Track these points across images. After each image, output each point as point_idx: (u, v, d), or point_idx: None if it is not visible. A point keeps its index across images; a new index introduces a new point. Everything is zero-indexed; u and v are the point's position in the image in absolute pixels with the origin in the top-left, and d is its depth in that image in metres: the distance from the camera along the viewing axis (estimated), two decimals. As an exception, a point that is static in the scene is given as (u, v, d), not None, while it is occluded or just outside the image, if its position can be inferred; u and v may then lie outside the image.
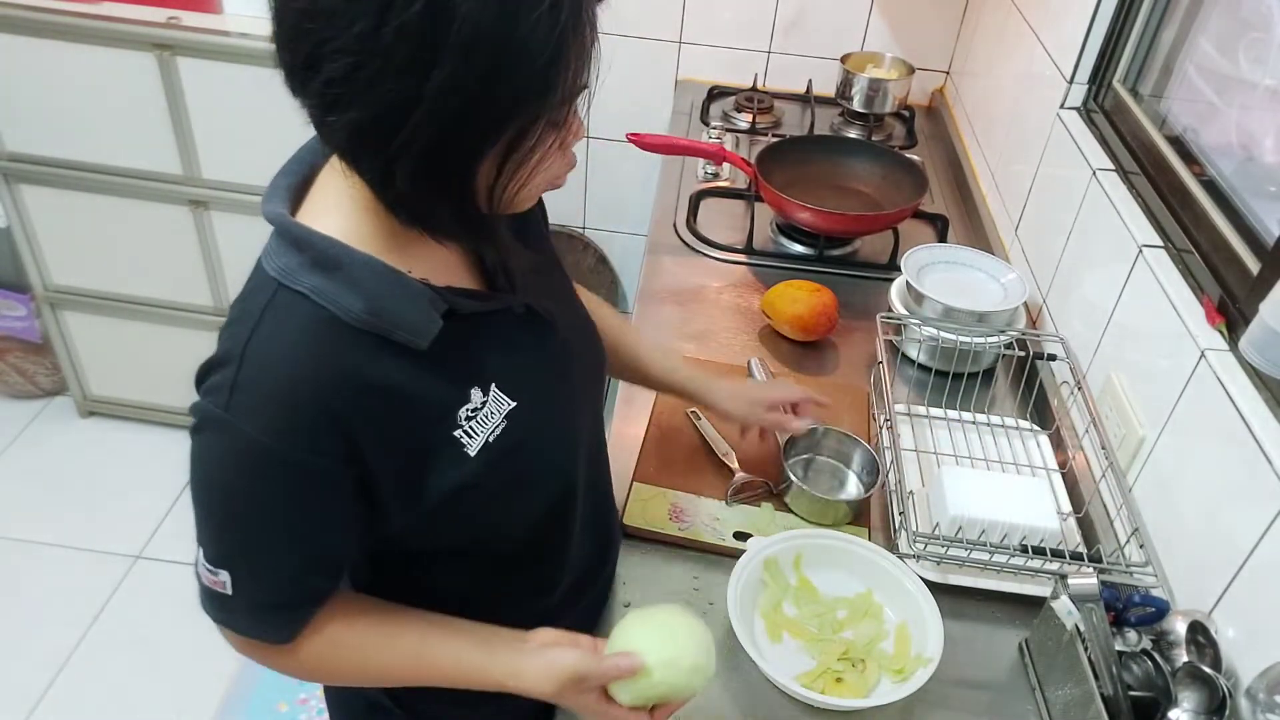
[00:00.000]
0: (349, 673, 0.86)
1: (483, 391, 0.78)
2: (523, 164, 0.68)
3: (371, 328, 0.70)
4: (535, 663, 0.83)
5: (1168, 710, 0.88)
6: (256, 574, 0.76)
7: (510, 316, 0.81)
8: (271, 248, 0.72)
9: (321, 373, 0.69)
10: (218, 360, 0.71)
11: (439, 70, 0.60)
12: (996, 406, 1.40)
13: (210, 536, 0.76)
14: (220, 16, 1.97)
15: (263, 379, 0.69)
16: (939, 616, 1.01)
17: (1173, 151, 1.28)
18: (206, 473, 0.73)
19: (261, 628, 0.81)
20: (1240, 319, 1.02)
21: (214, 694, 2.00)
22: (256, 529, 0.74)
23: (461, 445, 0.77)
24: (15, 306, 2.49)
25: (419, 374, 0.73)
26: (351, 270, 0.70)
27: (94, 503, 2.40)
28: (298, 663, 0.83)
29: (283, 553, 0.76)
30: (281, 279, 0.70)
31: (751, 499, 1.21)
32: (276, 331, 0.69)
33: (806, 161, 1.80)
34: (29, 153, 2.11)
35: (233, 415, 0.69)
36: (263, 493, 0.72)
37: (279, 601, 0.79)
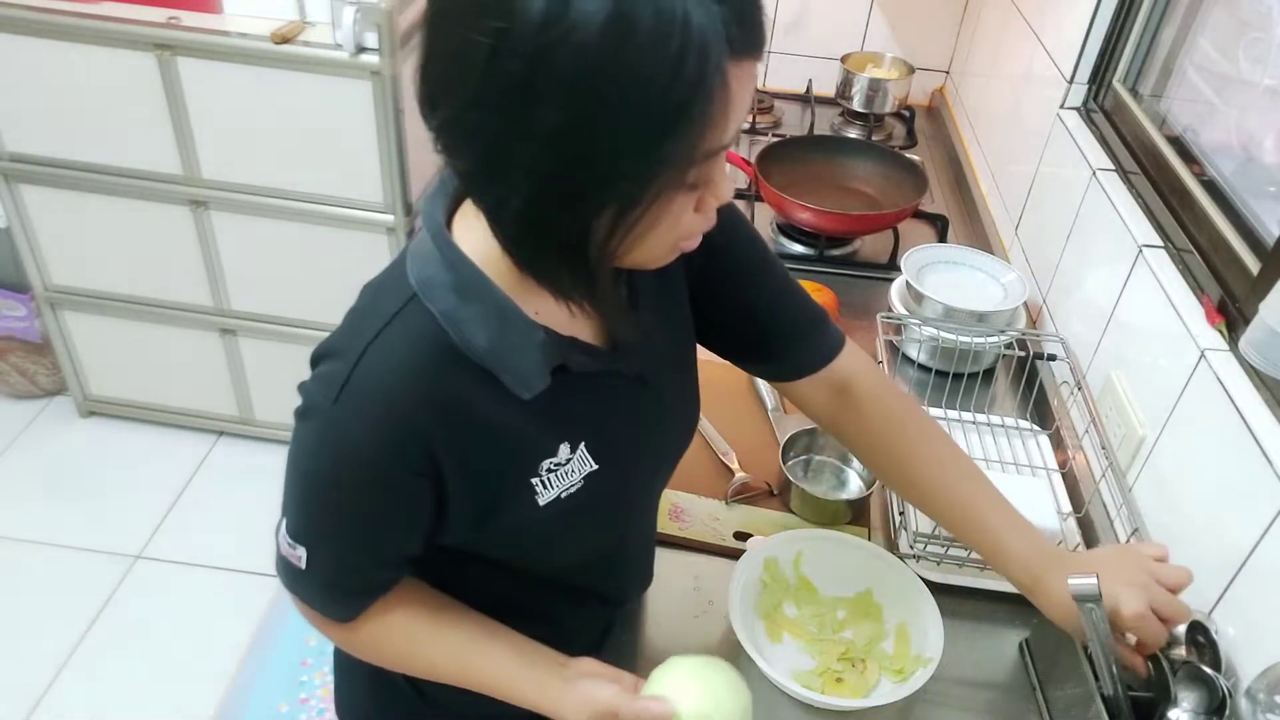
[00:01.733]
0: (395, 660, 0.88)
1: (570, 448, 0.79)
2: (637, 224, 0.63)
3: (485, 364, 0.72)
4: (572, 691, 0.83)
5: (1168, 710, 0.88)
6: (329, 558, 0.80)
7: (620, 379, 0.81)
8: (422, 254, 0.73)
9: (427, 394, 0.71)
10: (337, 348, 0.73)
11: (536, 124, 0.58)
12: (996, 406, 1.40)
13: (295, 512, 0.79)
14: (220, 16, 1.97)
15: (373, 386, 0.70)
16: (939, 616, 1.01)
17: (1173, 151, 1.28)
18: (304, 455, 0.75)
19: (326, 604, 0.84)
20: (1240, 319, 1.02)
21: (214, 694, 2.00)
22: (337, 520, 0.77)
23: (535, 493, 0.78)
24: (15, 306, 2.49)
25: (516, 417, 0.74)
26: (486, 307, 0.71)
27: (94, 503, 2.40)
28: (353, 640, 0.86)
29: (356, 547, 0.79)
30: (420, 290, 0.71)
31: (751, 499, 1.21)
32: (397, 343, 0.71)
33: (806, 161, 1.81)
34: (29, 153, 2.11)
35: (338, 412, 0.70)
36: (348, 490, 0.74)
37: (347, 586, 0.82)
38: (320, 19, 1.95)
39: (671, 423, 0.90)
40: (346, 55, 1.88)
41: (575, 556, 0.88)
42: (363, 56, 1.89)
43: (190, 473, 2.51)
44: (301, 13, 1.97)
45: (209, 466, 2.53)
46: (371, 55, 1.89)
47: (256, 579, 2.24)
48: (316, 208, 2.09)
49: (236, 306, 2.31)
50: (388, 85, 1.91)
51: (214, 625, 2.13)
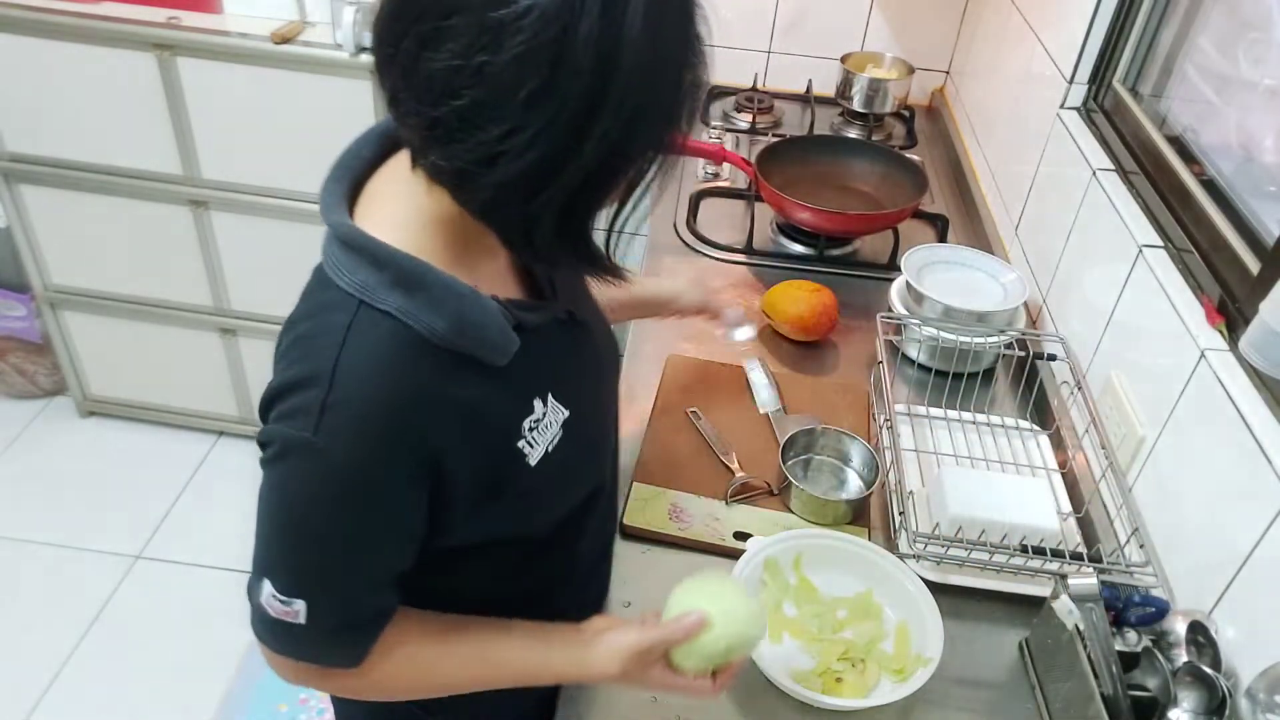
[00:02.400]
0: (415, 685, 0.86)
1: (543, 402, 0.80)
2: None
3: (454, 347, 0.71)
4: (596, 649, 0.85)
5: (1168, 710, 0.88)
6: (333, 598, 0.76)
7: (556, 326, 0.83)
8: (341, 262, 0.71)
9: (413, 393, 0.70)
10: (295, 381, 0.70)
11: (596, 128, 0.61)
12: (996, 406, 1.40)
13: (285, 566, 0.74)
14: (220, 16, 1.97)
15: (354, 403, 0.68)
16: (939, 616, 1.01)
17: (1173, 151, 1.28)
18: (290, 504, 0.73)
19: (334, 653, 0.80)
20: (1240, 319, 1.02)
21: (214, 694, 2.00)
22: (339, 551, 0.74)
23: (525, 456, 0.79)
24: (15, 306, 2.49)
25: (493, 389, 0.75)
26: (434, 291, 0.70)
27: (94, 503, 2.40)
28: (365, 685, 0.83)
29: (362, 572, 0.76)
30: (363, 297, 0.69)
31: (751, 499, 1.21)
32: (364, 353, 0.69)
33: (806, 161, 1.80)
34: (29, 153, 2.11)
35: (322, 438, 0.68)
36: (348, 514, 0.72)
37: (353, 623, 0.78)
38: (320, 19, 1.95)
39: (604, 352, 0.93)
40: (346, 55, 1.88)
41: (560, 515, 0.89)
42: (363, 56, 1.89)
43: (190, 473, 2.51)
44: (301, 13, 1.97)
45: (209, 466, 2.53)
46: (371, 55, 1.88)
47: (256, 579, 2.24)
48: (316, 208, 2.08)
49: (236, 306, 2.31)
50: (388, 85, 1.91)
51: (214, 625, 2.13)
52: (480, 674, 0.86)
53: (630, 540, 1.14)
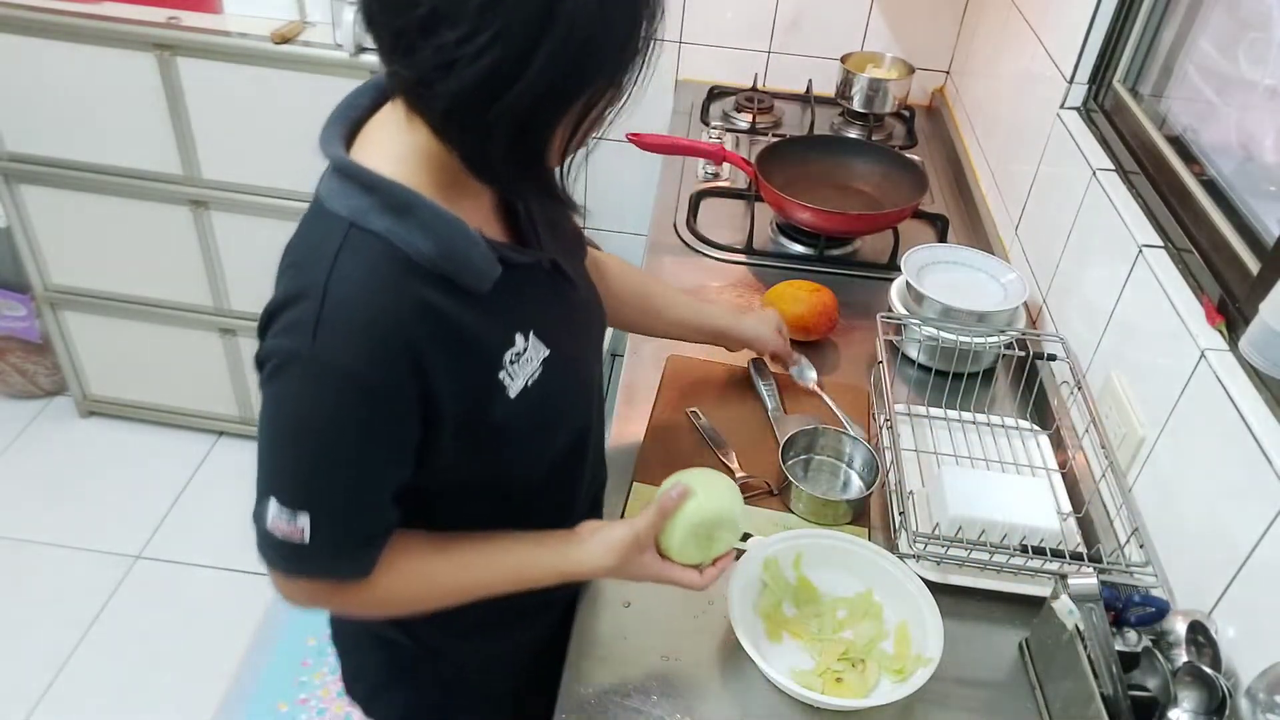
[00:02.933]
0: (420, 597, 0.90)
1: (524, 338, 0.84)
2: (593, 127, 0.75)
3: (439, 269, 0.76)
4: (591, 546, 0.91)
5: (1168, 710, 0.88)
6: (338, 508, 0.79)
7: (540, 272, 0.88)
8: (334, 189, 0.76)
9: (401, 305, 0.74)
10: (290, 298, 0.74)
11: (546, 43, 0.66)
12: (996, 406, 1.40)
13: (290, 482, 0.78)
14: (220, 16, 1.98)
15: (347, 311, 0.73)
16: (939, 616, 1.01)
17: (1173, 151, 1.28)
18: (291, 413, 0.76)
19: (340, 565, 0.83)
20: (1240, 319, 1.02)
21: (214, 694, 2.00)
22: (342, 460, 0.77)
23: (504, 387, 0.83)
24: (15, 306, 2.49)
25: (476, 315, 0.79)
26: (421, 215, 0.75)
27: (94, 503, 2.40)
28: (371, 596, 0.86)
29: (364, 481, 0.79)
30: (354, 219, 0.74)
31: (751, 499, 1.21)
32: (355, 268, 0.73)
33: (806, 161, 1.80)
34: (29, 153, 2.11)
35: (319, 349, 0.72)
36: (348, 421, 0.76)
37: (358, 534, 0.82)
38: (320, 19, 1.95)
39: (590, 306, 0.99)
40: (346, 55, 1.88)
41: (548, 457, 0.93)
42: (363, 56, 1.89)
43: (190, 473, 2.51)
44: (301, 13, 1.97)
45: (209, 466, 2.53)
46: (372, 55, 1.89)
47: (256, 579, 2.24)
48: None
49: (236, 306, 2.31)
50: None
51: (214, 625, 2.13)
52: (482, 579, 0.90)
53: (630, 540, 1.14)
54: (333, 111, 0.82)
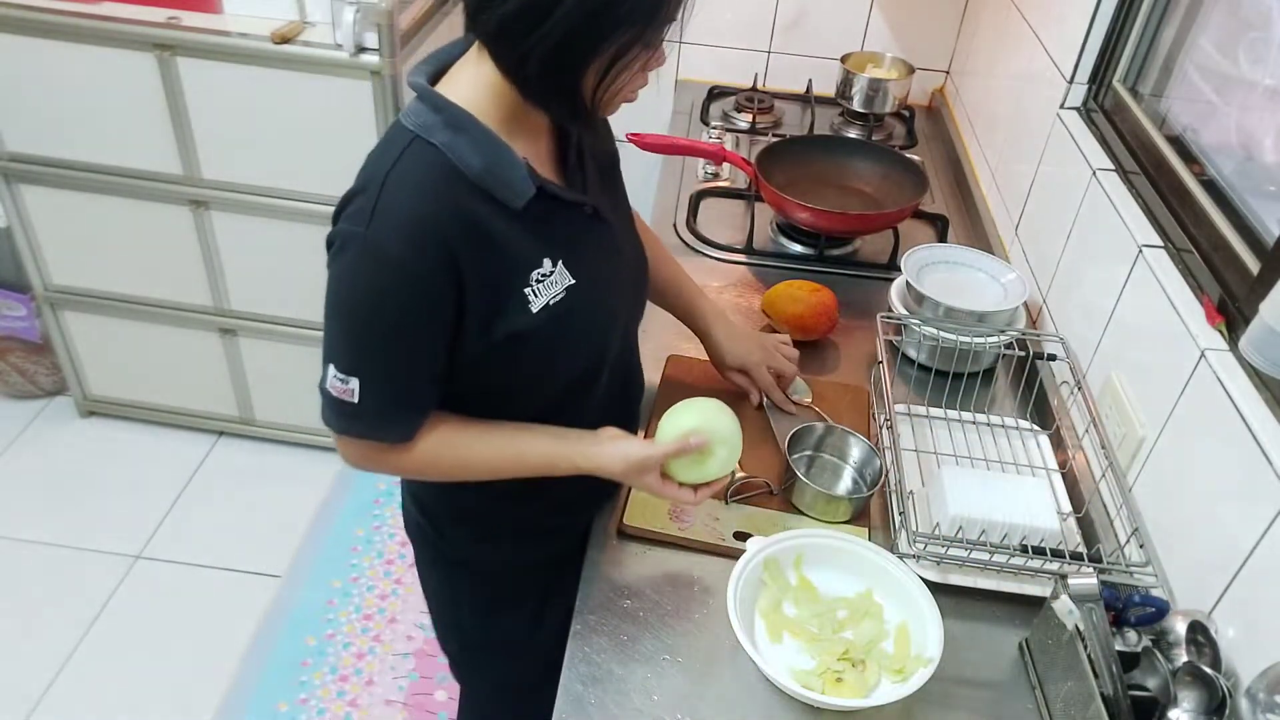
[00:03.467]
0: (453, 466, 1.03)
1: (552, 263, 0.96)
2: (622, 73, 0.87)
3: (482, 183, 0.89)
4: (608, 449, 1.03)
5: (1168, 710, 0.88)
6: (381, 379, 0.93)
7: (581, 215, 1.01)
8: (412, 109, 0.91)
9: (442, 205, 0.88)
10: (357, 189, 0.90)
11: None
12: (996, 406, 1.40)
13: (344, 348, 0.93)
14: (220, 16, 1.97)
15: (397, 204, 0.87)
16: (939, 616, 1.01)
17: (1173, 151, 1.28)
18: (347, 288, 0.90)
19: (384, 428, 0.97)
20: (1240, 319, 1.02)
21: (214, 694, 2.00)
22: (388, 332, 0.91)
23: (527, 300, 0.95)
24: (15, 306, 2.49)
25: (511, 230, 0.92)
26: (474, 134, 0.89)
27: (94, 503, 2.40)
28: (409, 461, 1.00)
29: (407, 355, 0.93)
30: (419, 132, 0.89)
31: (751, 498, 1.21)
32: (410, 170, 0.88)
33: (806, 161, 1.80)
34: (29, 153, 2.11)
35: (372, 233, 0.87)
36: (394, 298, 0.89)
37: (400, 401, 0.96)
38: (320, 19, 1.95)
39: (626, 255, 1.10)
40: (346, 55, 1.88)
41: (563, 375, 1.04)
42: (363, 56, 1.89)
43: (190, 473, 2.51)
44: (301, 13, 1.97)
45: (209, 466, 2.53)
46: (371, 55, 1.89)
47: (256, 579, 2.24)
48: (316, 208, 2.09)
49: (236, 306, 2.31)
50: (388, 85, 1.91)
51: (214, 625, 2.13)
52: (509, 457, 1.03)
53: (630, 540, 1.15)
54: (427, 56, 0.96)
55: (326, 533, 2.34)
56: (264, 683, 2.02)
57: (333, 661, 2.07)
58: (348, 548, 2.32)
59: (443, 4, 2.16)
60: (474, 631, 1.30)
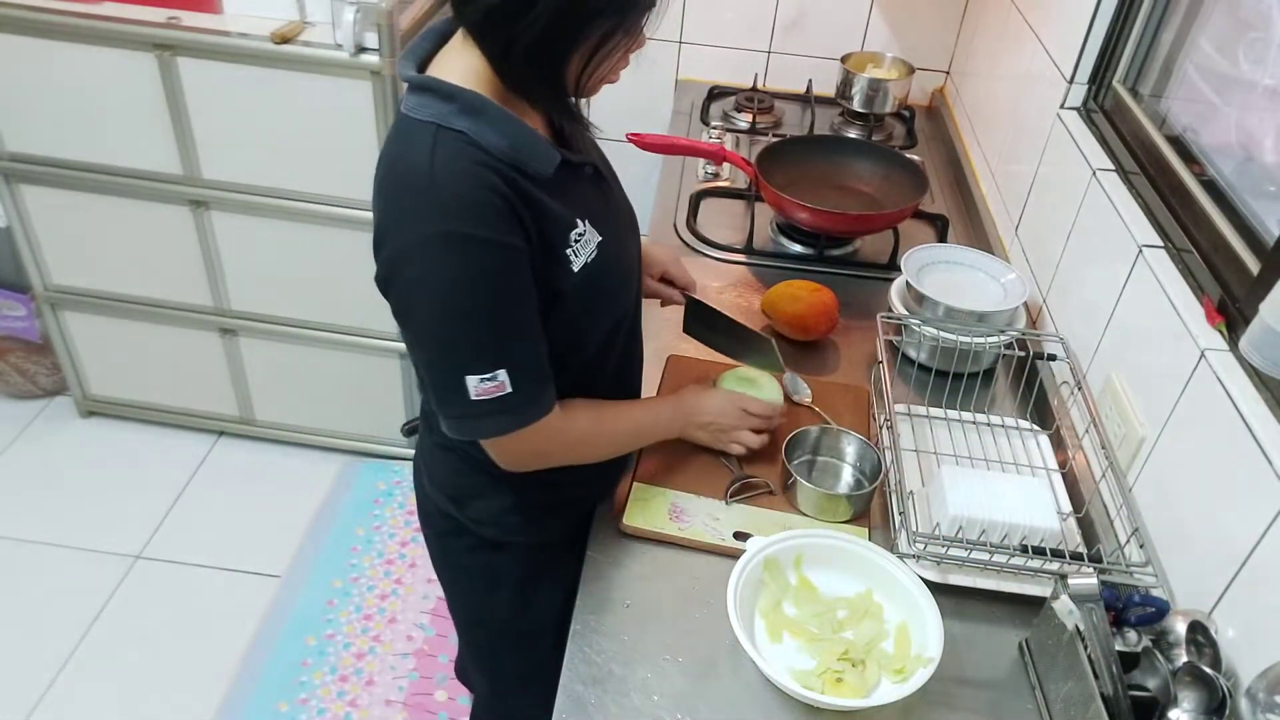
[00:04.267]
0: (584, 435, 1.07)
1: (583, 221, 1.00)
2: (604, 61, 0.90)
3: (510, 160, 0.91)
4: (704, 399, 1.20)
5: (1168, 710, 0.88)
6: (525, 351, 0.96)
7: (585, 174, 1.04)
8: (416, 103, 0.92)
9: (494, 178, 0.89)
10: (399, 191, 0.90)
11: None
12: (996, 406, 1.40)
13: (480, 346, 0.93)
14: (220, 16, 1.97)
15: (458, 189, 0.88)
16: (939, 616, 1.01)
17: (1173, 151, 1.28)
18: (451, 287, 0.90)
19: (538, 406, 0.99)
20: (1240, 319, 1.02)
21: (214, 694, 2.00)
22: (514, 306, 0.93)
23: (569, 261, 0.98)
24: (15, 306, 2.49)
25: (548, 197, 0.94)
26: (493, 115, 0.91)
27: (94, 503, 2.40)
28: (550, 430, 1.01)
29: (532, 323, 0.96)
30: (438, 122, 0.90)
31: (751, 499, 1.21)
32: (452, 158, 0.89)
33: (806, 161, 1.81)
34: (29, 153, 2.11)
35: (451, 222, 0.88)
36: (503, 273, 0.91)
37: (542, 372, 0.98)
38: (320, 19, 1.95)
39: (624, 210, 1.14)
40: (346, 55, 1.88)
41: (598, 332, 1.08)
42: (363, 56, 1.89)
43: (190, 473, 2.51)
44: (301, 13, 1.97)
45: (209, 466, 2.53)
46: (371, 55, 1.89)
47: (256, 579, 2.24)
48: (316, 208, 2.09)
49: (236, 306, 2.31)
50: (388, 85, 1.91)
51: (214, 625, 2.13)
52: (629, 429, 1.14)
53: (630, 540, 1.15)
54: (410, 44, 0.97)
55: (326, 533, 2.34)
56: (264, 683, 2.02)
57: (333, 661, 2.07)
58: (348, 548, 2.32)
59: (442, 4, 2.16)
60: (508, 617, 1.29)
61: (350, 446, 2.50)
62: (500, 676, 1.45)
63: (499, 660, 1.41)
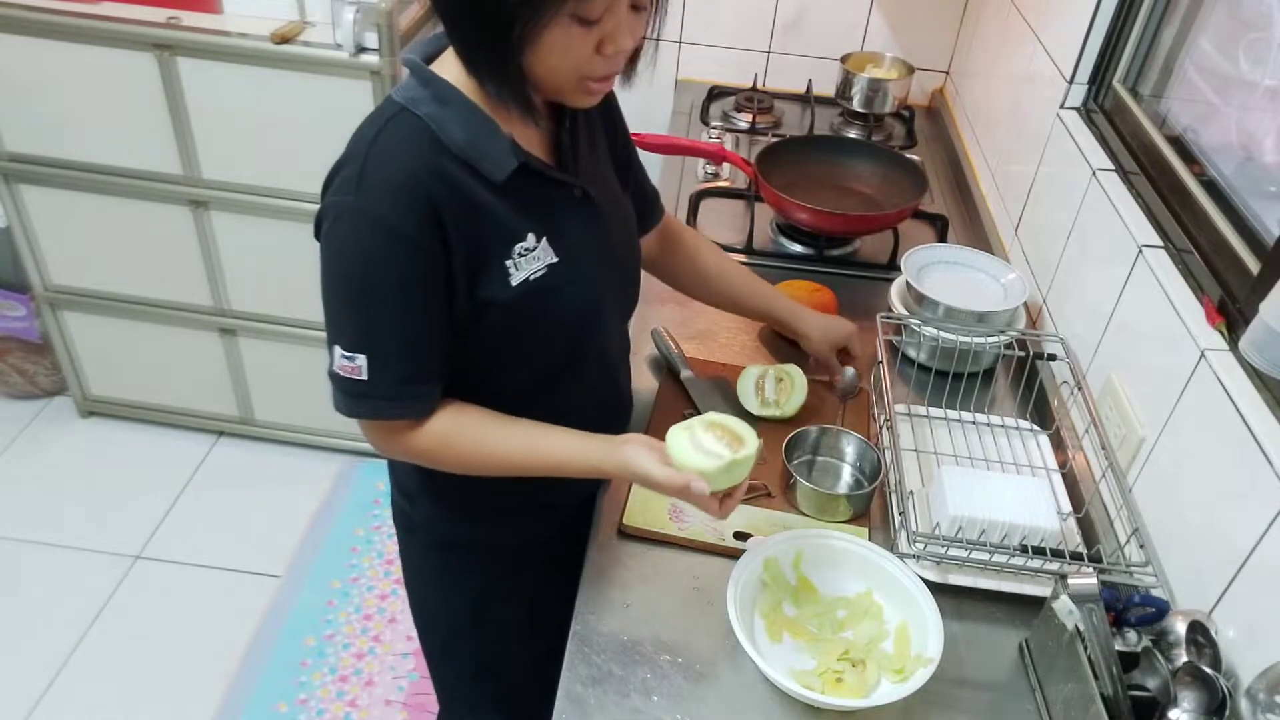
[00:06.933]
0: (468, 453, 1.01)
1: (536, 238, 0.97)
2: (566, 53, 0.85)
3: (464, 155, 0.91)
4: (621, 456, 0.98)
5: (1168, 710, 0.88)
6: (388, 351, 0.93)
7: (571, 196, 1.01)
8: (403, 84, 0.94)
9: (429, 171, 0.89)
10: (342, 162, 0.92)
11: None
12: (996, 406, 1.40)
13: (347, 324, 0.93)
14: (220, 16, 1.97)
15: (384, 170, 0.88)
16: (939, 616, 1.01)
17: (1173, 151, 1.28)
18: (343, 259, 0.91)
19: (396, 406, 0.96)
20: (1240, 319, 1.02)
21: (214, 694, 2.00)
22: (388, 298, 0.91)
23: (508, 273, 0.95)
24: (15, 306, 2.49)
25: (495, 201, 0.93)
26: (459, 107, 0.91)
27: (94, 503, 2.40)
28: (423, 442, 0.98)
29: (409, 322, 0.93)
30: (406, 104, 0.91)
31: (751, 499, 1.21)
32: (395, 139, 0.90)
33: (806, 161, 1.80)
34: (29, 153, 2.11)
35: (361, 199, 0.88)
36: (390, 264, 0.90)
37: (408, 374, 0.95)
38: (320, 19, 1.95)
39: (615, 238, 1.08)
40: (346, 55, 1.88)
41: (538, 358, 1.04)
42: (363, 56, 1.89)
43: (190, 473, 2.51)
44: (301, 13, 1.97)
45: (209, 466, 2.53)
46: (371, 55, 1.89)
47: (256, 579, 2.24)
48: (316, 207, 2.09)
49: (236, 306, 2.31)
50: (388, 85, 1.91)
51: (214, 625, 2.13)
52: (525, 453, 1.01)
53: (630, 540, 1.14)
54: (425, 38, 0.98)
55: (326, 533, 2.34)
56: (263, 683, 2.02)
57: (332, 661, 2.07)
58: (347, 548, 2.32)
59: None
60: (461, 628, 1.25)
61: (350, 446, 2.50)
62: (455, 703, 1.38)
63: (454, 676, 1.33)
